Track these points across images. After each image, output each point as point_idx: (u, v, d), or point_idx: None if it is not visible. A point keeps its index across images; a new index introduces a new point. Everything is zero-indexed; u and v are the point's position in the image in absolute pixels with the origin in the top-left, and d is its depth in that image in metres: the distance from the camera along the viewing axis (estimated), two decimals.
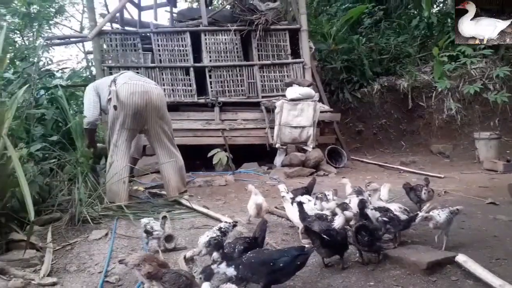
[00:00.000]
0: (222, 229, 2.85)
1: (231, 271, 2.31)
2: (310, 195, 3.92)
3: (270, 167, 6.76)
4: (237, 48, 7.32)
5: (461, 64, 8.12)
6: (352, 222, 3.09)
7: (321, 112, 6.90)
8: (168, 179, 4.56)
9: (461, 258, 2.70)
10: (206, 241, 2.70)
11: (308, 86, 6.90)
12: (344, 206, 3.09)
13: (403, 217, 3.14)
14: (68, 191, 4.34)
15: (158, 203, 4.54)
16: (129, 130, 4.35)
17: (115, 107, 4.23)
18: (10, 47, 7.45)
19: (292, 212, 3.40)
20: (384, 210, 3.17)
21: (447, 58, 8.13)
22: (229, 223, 3.01)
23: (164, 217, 3.79)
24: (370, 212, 3.18)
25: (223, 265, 2.33)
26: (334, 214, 3.17)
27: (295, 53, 7.69)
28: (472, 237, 3.34)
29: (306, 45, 7.47)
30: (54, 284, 2.68)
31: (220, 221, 3.81)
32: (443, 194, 4.80)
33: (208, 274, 2.19)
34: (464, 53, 7.97)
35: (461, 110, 8.24)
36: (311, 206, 3.46)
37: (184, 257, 2.87)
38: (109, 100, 4.33)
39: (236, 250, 2.58)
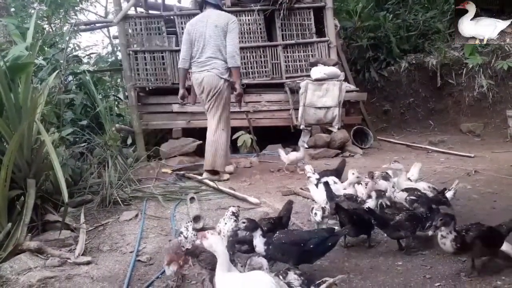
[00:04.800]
0: (235, 214, 2.84)
1: (261, 248, 2.33)
2: (340, 177, 3.91)
3: (294, 149, 6.73)
4: (260, 29, 7.23)
5: None
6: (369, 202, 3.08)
7: (346, 92, 6.78)
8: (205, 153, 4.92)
9: None
10: (230, 233, 2.69)
11: (334, 65, 6.77)
12: (380, 194, 3.09)
13: (431, 195, 3.11)
14: (98, 174, 4.49)
15: (186, 185, 4.62)
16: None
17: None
18: (39, 34, 7.62)
19: (317, 194, 3.40)
20: (411, 190, 3.14)
21: None
22: (237, 206, 3.02)
23: (192, 199, 3.89)
24: (398, 194, 3.15)
25: (260, 238, 2.35)
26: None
27: (320, 31, 7.53)
28: (503, 217, 3.22)
29: (331, 23, 7.30)
30: (88, 262, 2.80)
31: (247, 201, 3.88)
32: (473, 173, 4.68)
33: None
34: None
35: (493, 87, 7.93)
36: (337, 187, 3.45)
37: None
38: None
39: None
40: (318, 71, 6.57)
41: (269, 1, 7.15)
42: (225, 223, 2.73)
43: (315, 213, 2.93)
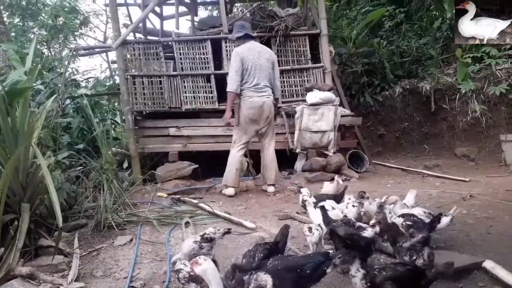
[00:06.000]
0: (205, 236, 2.74)
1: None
2: (338, 203, 3.89)
3: (290, 172, 6.75)
4: None
5: (486, 65, 7.94)
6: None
7: (342, 116, 6.86)
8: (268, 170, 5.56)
9: (488, 264, 2.65)
10: (187, 252, 2.65)
11: (329, 90, 6.87)
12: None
13: (427, 220, 3.10)
14: (93, 198, 4.46)
15: (181, 209, 4.60)
16: (246, 130, 5.39)
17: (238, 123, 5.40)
18: (38, 58, 7.71)
19: (316, 216, 3.39)
20: (407, 215, 3.13)
21: (471, 60, 7.95)
22: (218, 229, 2.87)
23: (187, 223, 3.86)
24: (394, 220, 3.14)
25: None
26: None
27: (315, 57, 7.68)
28: (500, 242, 3.27)
29: (326, 49, 7.44)
30: None
31: (243, 226, 3.86)
32: (468, 198, 4.69)
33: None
34: (489, 54, 7.79)
35: (486, 112, 8.04)
36: (335, 213, 3.44)
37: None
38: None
39: (256, 257, 2.57)
40: (313, 96, 6.65)
41: (265, 28, 7.31)
42: (187, 240, 2.71)
43: (313, 232, 2.90)
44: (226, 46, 7.30)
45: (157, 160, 7.18)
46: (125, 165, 6.20)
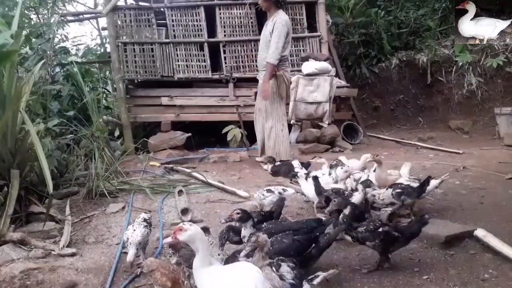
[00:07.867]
0: (148, 220, 2.69)
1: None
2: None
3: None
4: (252, 23, 7.18)
5: None
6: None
7: (337, 87, 6.78)
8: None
9: (480, 232, 2.67)
10: (138, 241, 2.49)
11: (325, 60, 6.75)
12: (367, 183, 3.07)
13: (414, 185, 3.11)
14: (85, 166, 4.42)
15: (174, 178, 4.57)
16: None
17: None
18: (26, 24, 7.47)
19: (307, 187, 3.39)
20: (394, 185, 3.13)
21: None
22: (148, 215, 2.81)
23: (180, 192, 3.84)
24: (383, 194, 3.13)
25: (250, 229, 2.34)
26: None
27: (312, 27, 7.51)
28: (491, 212, 3.30)
29: (323, 18, 7.28)
30: (73, 254, 2.75)
31: (236, 195, 3.86)
32: (461, 169, 4.72)
33: None
34: None
35: (482, 85, 8.00)
36: (325, 179, 3.45)
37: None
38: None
39: None
40: (309, 66, 6.54)
41: None
42: (134, 230, 2.53)
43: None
44: (220, 13, 7.10)
45: (150, 130, 7.09)
46: (117, 134, 6.14)
